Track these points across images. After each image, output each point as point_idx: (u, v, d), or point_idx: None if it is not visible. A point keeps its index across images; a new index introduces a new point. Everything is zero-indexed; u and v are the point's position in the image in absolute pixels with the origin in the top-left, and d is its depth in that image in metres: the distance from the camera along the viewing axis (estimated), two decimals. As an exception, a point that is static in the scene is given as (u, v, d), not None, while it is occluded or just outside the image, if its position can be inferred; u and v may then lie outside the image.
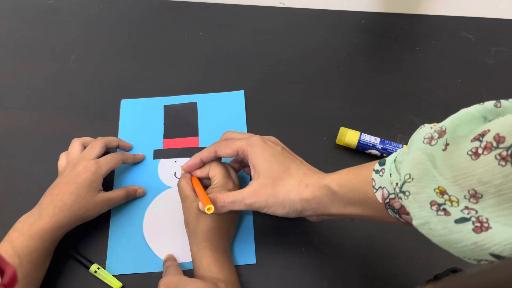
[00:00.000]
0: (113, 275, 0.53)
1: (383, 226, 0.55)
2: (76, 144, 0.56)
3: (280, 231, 0.56)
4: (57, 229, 0.49)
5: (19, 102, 0.66)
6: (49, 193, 0.51)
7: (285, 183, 0.46)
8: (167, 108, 0.65)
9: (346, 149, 0.61)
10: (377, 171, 0.39)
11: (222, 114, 0.64)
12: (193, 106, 0.65)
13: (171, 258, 0.53)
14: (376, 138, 0.60)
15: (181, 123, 0.64)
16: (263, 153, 0.48)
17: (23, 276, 0.47)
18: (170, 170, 0.60)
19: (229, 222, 0.53)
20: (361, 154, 0.61)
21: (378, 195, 0.38)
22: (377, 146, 0.59)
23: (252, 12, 0.74)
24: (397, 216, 0.38)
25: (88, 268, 0.53)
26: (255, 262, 0.54)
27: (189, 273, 0.52)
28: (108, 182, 0.58)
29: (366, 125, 0.62)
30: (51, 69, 0.69)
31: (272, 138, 0.52)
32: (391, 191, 0.36)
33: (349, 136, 0.59)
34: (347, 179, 0.42)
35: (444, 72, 0.68)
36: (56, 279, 0.53)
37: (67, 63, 0.69)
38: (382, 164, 0.39)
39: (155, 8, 0.75)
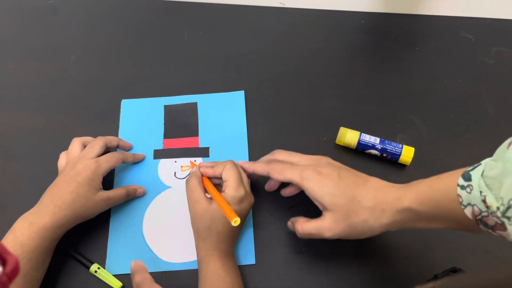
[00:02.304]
0: (113, 275, 0.53)
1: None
2: (76, 143, 0.56)
3: (280, 231, 0.56)
4: (57, 228, 0.49)
5: (19, 102, 0.66)
6: (49, 192, 0.51)
7: (357, 214, 0.45)
8: (167, 108, 0.65)
9: (346, 149, 0.61)
10: (463, 187, 0.38)
11: (222, 115, 0.64)
12: (193, 107, 0.65)
13: (140, 270, 0.48)
14: (376, 138, 0.60)
15: (181, 123, 0.64)
16: (321, 187, 0.47)
17: (23, 275, 0.47)
18: (170, 170, 0.60)
19: (238, 230, 0.53)
20: (361, 154, 0.61)
21: (468, 212, 0.37)
22: (377, 146, 0.59)
23: (252, 12, 0.74)
24: (490, 230, 0.37)
25: (88, 268, 0.53)
26: (255, 262, 0.54)
27: (190, 273, 0.52)
28: (108, 182, 0.58)
29: (366, 125, 0.62)
30: (51, 69, 0.69)
31: (324, 161, 0.50)
32: (484, 209, 0.36)
33: (349, 136, 0.59)
34: (429, 196, 0.41)
35: (444, 72, 0.68)
36: (56, 278, 0.53)
37: (67, 63, 0.69)
38: (467, 179, 0.38)
39: (155, 8, 0.75)
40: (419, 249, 0.54)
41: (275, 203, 0.57)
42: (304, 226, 0.48)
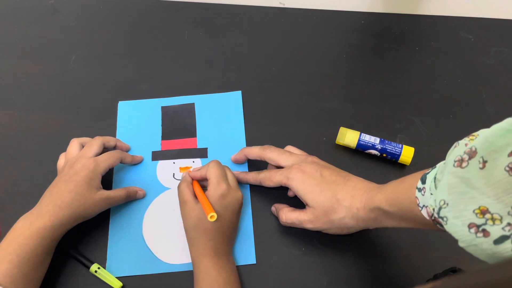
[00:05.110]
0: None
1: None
2: (74, 143, 0.56)
3: (280, 231, 0.56)
4: (57, 227, 0.49)
5: (19, 102, 0.66)
6: (48, 192, 0.51)
7: (336, 211, 0.49)
8: (164, 110, 0.65)
9: (346, 149, 0.61)
10: (419, 189, 0.39)
11: (220, 115, 0.64)
12: (190, 107, 0.65)
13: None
14: (376, 138, 0.60)
15: (179, 124, 0.64)
16: (304, 185, 0.50)
17: (22, 275, 0.47)
18: (168, 171, 0.60)
19: (231, 230, 0.53)
20: (361, 154, 0.61)
21: (424, 213, 0.39)
22: (376, 146, 0.59)
23: (252, 12, 0.74)
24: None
25: (88, 268, 0.53)
26: (255, 262, 0.54)
27: (190, 274, 0.52)
28: (107, 182, 0.58)
29: (366, 125, 0.62)
30: (51, 69, 0.69)
31: (309, 160, 0.53)
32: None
33: (349, 136, 0.59)
34: (394, 197, 0.43)
35: (444, 72, 0.68)
36: (56, 278, 0.53)
37: (67, 63, 0.69)
38: (423, 181, 0.39)
39: (155, 8, 0.75)
40: (419, 249, 0.54)
41: (275, 203, 0.57)
42: (287, 215, 0.53)
